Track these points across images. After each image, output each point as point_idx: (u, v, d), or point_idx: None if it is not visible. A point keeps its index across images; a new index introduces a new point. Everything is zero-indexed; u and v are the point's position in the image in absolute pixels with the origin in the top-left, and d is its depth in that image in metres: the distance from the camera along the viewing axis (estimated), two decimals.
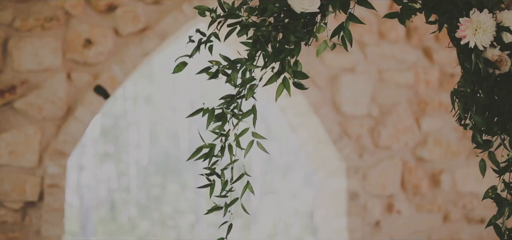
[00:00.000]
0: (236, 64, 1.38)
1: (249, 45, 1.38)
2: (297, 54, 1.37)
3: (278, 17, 1.36)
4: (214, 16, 1.39)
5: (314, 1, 1.27)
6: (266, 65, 1.38)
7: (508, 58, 1.35)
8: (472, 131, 1.40)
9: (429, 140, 4.08)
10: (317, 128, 3.88)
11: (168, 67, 13.51)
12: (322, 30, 1.36)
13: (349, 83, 3.93)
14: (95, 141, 12.53)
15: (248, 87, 1.41)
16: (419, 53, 4.15)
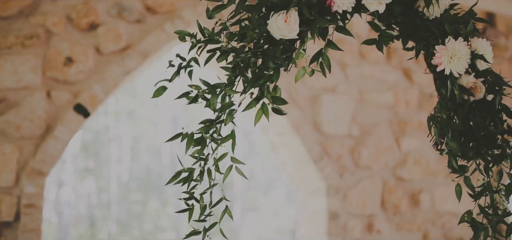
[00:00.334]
0: (216, 89, 1.39)
1: (228, 70, 1.38)
2: (276, 80, 1.38)
3: (257, 43, 1.37)
4: (194, 41, 1.40)
5: (293, 28, 1.29)
6: (246, 91, 1.39)
7: (483, 85, 1.38)
8: (448, 156, 1.42)
9: (409, 159, 4.12)
10: (298, 148, 3.90)
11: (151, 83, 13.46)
12: (301, 57, 1.37)
13: (330, 103, 3.97)
14: (75, 157, 12.37)
15: (227, 112, 1.42)
16: (399, 73, 4.20)
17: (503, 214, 1.40)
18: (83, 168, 12.98)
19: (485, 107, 1.40)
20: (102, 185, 13.15)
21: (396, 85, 4.18)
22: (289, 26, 1.27)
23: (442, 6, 1.42)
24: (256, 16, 1.36)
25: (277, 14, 1.28)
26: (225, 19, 1.38)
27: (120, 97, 12.45)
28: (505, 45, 4.55)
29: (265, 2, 1.36)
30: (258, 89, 1.37)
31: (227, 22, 1.38)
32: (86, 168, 13.06)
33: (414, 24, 1.46)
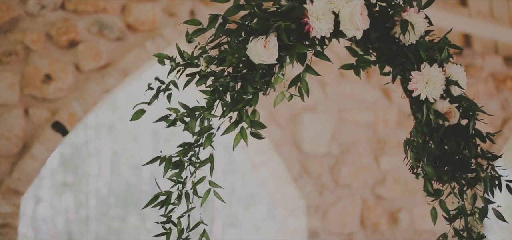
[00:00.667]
0: (195, 113, 1.39)
1: (207, 93, 1.39)
2: (255, 104, 1.39)
3: (236, 67, 1.38)
4: (174, 64, 1.40)
5: (272, 53, 1.30)
6: (224, 115, 1.39)
7: (457, 110, 1.41)
8: (424, 180, 1.44)
9: (388, 178, 4.15)
10: (278, 166, 3.90)
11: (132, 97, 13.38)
12: (279, 81, 1.39)
13: (310, 121, 3.99)
14: (53, 171, 12.20)
15: (206, 136, 1.42)
16: (378, 93, 4.25)
17: (477, 237, 1.42)
18: (62, 183, 12.79)
19: (459, 132, 1.42)
20: (80, 200, 12.97)
21: (376, 104, 4.23)
22: (268, 51, 1.28)
23: (418, 32, 1.44)
24: (235, 41, 1.37)
25: (256, 39, 1.29)
26: (205, 42, 1.39)
27: (100, 111, 12.35)
28: (481, 65, 4.65)
29: (245, 27, 1.37)
30: (237, 113, 1.38)
31: (207, 46, 1.39)
32: (65, 183, 12.87)
33: (391, 50, 1.48)
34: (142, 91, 1.46)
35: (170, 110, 1.41)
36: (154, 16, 3.49)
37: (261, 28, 1.30)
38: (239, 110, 1.37)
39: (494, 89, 4.66)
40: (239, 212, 14.63)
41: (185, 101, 1.42)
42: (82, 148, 13.15)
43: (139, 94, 13.32)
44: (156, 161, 1.43)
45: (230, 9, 1.36)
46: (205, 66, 1.39)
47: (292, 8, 1.33)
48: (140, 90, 13.25)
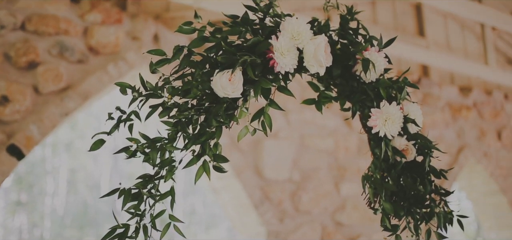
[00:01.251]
0: (156, 144, 1.37)
1: (170, 125, 1.38)
2: (218, 138, 1.38)
3: (200, 99, 1.37)
4: (136, 94, 1.39)
5: (237, 87, 1.30)
6: (187, 147, 1.38)
7: (413, 147, 1.45)
8: (382, 215, 1.46)
9: (348, 205, 4.20)
10: (239, 192, 3.89)
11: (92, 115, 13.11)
12: (243, 115, 1.39)
13: (272, 148, 4.01)
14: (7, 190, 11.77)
15: (168, 169, 1.40)
16: (339, 120, 4.32)
17: None
18: (15, 201, 12.35)
19: (415, 168, 1.46)
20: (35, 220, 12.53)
21: (336, 131, 4.29)
22: (233, 85, 1.28)
23: (378, 71, 1.48)
24: (200, 73, 1.37)
25: (222, 72, 1.29)
26: (169, 72, 1.39)
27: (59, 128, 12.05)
28: (438, 95, 4.79)
29: (209, 59, 1.37)
30: (199, 146, 1.37)
31: (170, 77, 1.38)
32: (18, 201, 12.43)
33: (351, 87, 1.52)
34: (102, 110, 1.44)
35: (130, 141, 1.39)
36: (117, 40, 3.44)
37: (227, 62, 1.30)
38: (202, 143, 1.36)
39: (450, 118, 4.81)
40: (199, 233, 14.46)
41: (146, 131, 1.41)
42: (38, 165, 12.77)
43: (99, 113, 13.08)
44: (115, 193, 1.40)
45: (195, 41, 1.36)
46: (169, 98, 1.38)
47: (257, 43, 1.34)
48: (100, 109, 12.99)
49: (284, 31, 1.38)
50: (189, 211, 14.38)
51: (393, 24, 4.67)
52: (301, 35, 1.39)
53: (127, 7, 3.52)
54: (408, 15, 4.82)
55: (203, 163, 1.36)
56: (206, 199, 15.23)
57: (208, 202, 15.37)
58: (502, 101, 5.21)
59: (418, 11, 4.86)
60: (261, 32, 1.41)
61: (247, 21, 1.39)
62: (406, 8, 4.83)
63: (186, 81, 1.38)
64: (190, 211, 14.61)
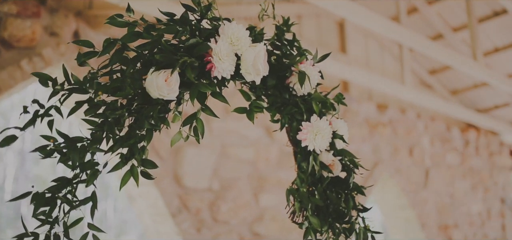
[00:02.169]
0: (76, 144, 1.25)
1: (94, 124, 1.26)
2: (148, 141, 1.29)
3: (130, 99, 1.27)
4: (59, 87, 1.26)
5: (173, 89, 1.22)
6: (113, 150, 1.27)
7: (339, 163, 1.45)
8: (308, 230, 1.43)
9: (266, 215, 4.18)
10: (157, 200, 3.74)
11: None
12: (177, 119, 1.30)
13: (193, 156, 3.90)
14: None
15: (91, 172, 1.28)
16: (261, 130, 4.31)
17: None
18: None
19: (338, 184, 1.45)
20: None
21: (258, 141, 4.27)
22: (170, 86, 1.20)
23: (313, 84, 1.47)
24: (131, 71, 1.27)
25: (158, 72, 1.20)
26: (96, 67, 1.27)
27: None
28: (357, 110, 4.94)
29: (143, 56, 1.27)
30: (127, 149, 1.26)
31: (99, 72, 1.27)
32: None
33: (283, 99, 1.49)
34: (10, 108, 1.28)
35: (47, 139, 1.25)
36: (34, 34, 3.17)
37: (166, 61, 1.22)
38: (130, 146, 1.26)
39: (367, 134, 4.97)
40: (109, 239, 13.91)
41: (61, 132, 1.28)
42: None
43: (7, 110, 12.20)
44: (25, 197, 1.26)
45: (128, 35, 1.26)
46: (100, 94, 1.27)
47: (196, 44, 1.27)
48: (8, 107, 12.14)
49: (223, 35, 1.33)
50: (100, 216, 13.79)
51: (317, 40, 4.76)
52: (240, 41, 1.34)
53: (46, 1, 3.27)
54: (332, 32, 4.94)
55: (131, 168, 1.25)
56: (117, 205, 14.70)
57: (120, 207, 14.85)
58: (415, 119, 5.48)
59: (341, 28, 5.00)
60: (198, 34, 1.34)
61: (186, 21, 1.32)
62: (331, 25, 4.94)
63: (115, 78, 1.28)
64: (101, 216, 14.01)
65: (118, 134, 1.29)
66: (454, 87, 5.84)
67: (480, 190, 5.98)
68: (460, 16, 5.06)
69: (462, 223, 5.65)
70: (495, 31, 5.07)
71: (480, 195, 5.95)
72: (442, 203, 5.52)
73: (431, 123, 5.66)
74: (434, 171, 5.55)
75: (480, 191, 5.97)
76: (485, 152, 6.17)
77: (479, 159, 6.07)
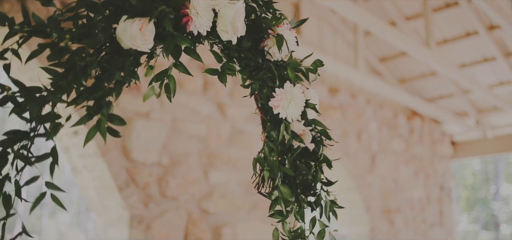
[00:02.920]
0: (35, 94, 1.13)
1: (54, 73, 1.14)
2: (118, 95, 1.18)
3: (98, 49, 1.16)
4: (18, 28, 1.13)
5: (148, 39, 1.12)
6: (78, 102, 1.16)
7: (310, 133, 1.40)
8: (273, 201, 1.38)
9: (215, 193, 4.11)
10: (103, 173, 3.58)
11: None
12: (150, 73, 1.21)
13: (143, 128, 3.76)
14: None
15: (52, 126, 1.16)
16: (213, 107, 4.22)
17: None
18: None
19: (307, 155, 1.41)
20: None
21: (210, 117, 4.18)
22: (144, 36, 1.10)
23: (290, 49, 1.41)
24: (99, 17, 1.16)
25: (132, 20, 1.10)
26: None
27: None
28: None
29: (115, 2, 1.17)
30: (93, 102, 1.15)
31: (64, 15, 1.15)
32: None
33: (257, 63, 1.42)
34: None
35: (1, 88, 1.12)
36: None
37: (144, 8, 1.12)
38: (97, 99, 1.15)
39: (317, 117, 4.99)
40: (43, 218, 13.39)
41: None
42: None
43: None
44: None
45: None
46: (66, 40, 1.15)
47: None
48: None
49: None
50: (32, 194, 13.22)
51: None
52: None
53: None
54: (287, 13, 4.90)
55: (98, 122, 1.14)
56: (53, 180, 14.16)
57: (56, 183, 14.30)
58: (365, 105, 5.57)
59: (297, 10, 4.97)
60: None
61: None
62: (286, 7, 4.90)
63: (81, 24, 1.17)
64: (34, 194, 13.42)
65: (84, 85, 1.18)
66: (402, 75, 5.98)
67: (422, 176, 6.18)
68: (414, 6, 5.16)
69: (404, 208, 5.83)
70: (446, 22, 5.21)
71: (421, 182, 6.16)
72: (386, 188, 5.66)
73: (379, 109, 5.78)
74: (380, 156, 5.67)
75: (421, 177, 6.17)
76: (428, 140, 6.38)
77: (422, 146, 6.27)
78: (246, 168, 4.33)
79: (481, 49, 5.38)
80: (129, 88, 3.62)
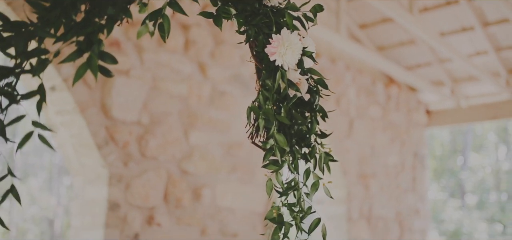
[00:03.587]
0: (20, 28, 1.08)
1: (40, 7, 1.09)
2: (109, 32, 1.14)
3: None
4: None
5: None
6: (67, 38, 1.11)
7: (306, 82, 1.37)
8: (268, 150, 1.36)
9: (195, 154, 4.09)
10: (82, 130, 3.51)
11: None
12: (143, 10, 1.17)
13: (123, 86, 3.69)
14: None
15: (39, 61, 1.12)
16: (194, 66, 4.16)
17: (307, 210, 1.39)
18: None
19: (303, 105, 1.38)
20: None
21: (191, 77, 4.12)
22: None
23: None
24: None
25: None
26: None
27: None
28: None
29: None
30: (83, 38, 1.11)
31: None
32: None
33: (253, 7, 1.38)
34: None
35: None
36: None
37: None
38: (88, 35, 1.10)
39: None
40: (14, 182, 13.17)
41: None
42: None
43: None
44: None
45: None
46: None
47: None
48: None
49: None
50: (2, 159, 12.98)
51: None
52: None
53: None
54: None
55: (89, 59, 1.10)
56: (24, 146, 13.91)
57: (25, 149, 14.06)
58: (344, 71, 5.58)
59: None
60: None
61: None
62: None
63: None
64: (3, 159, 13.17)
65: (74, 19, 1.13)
66: (381, 43, 5.99)
67: (397, 143, 6.27)
68: None
69: (379, 173, 5.92)
70: None
71: (396, 148, 6.25)
72: (363, 153, 5.72)
73: (358, 76, 5.80)
74: (358, 122, 5.72)
75: (397, 144, 6.26)
76: (404, 108, 6.46)
77: (398, 114, 6.35)
78: (226, 130, 4.31)
79: (460, 18, 5.42)
80: (108, 45, 3.52)
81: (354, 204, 5.53)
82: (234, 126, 4.36)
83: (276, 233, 1.34)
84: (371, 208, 5.75)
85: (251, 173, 4.44)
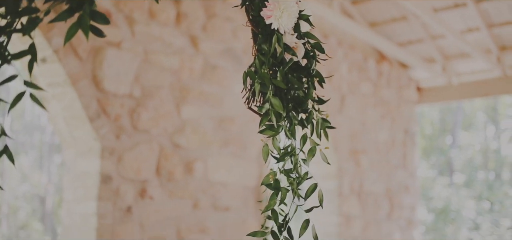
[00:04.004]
0: None
1: None
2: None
3: None
4: None
5: None
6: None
7: (303, 47, 1.36)
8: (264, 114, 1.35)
9: (187, 127, 4.09)
10: (73, 103, 3.49)
11: None
12: None
13: (114, 58, 3.66)
14: None
15: (29, 20, 1.10)
16: (186, 40, 4.13)
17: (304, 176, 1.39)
18: None
19: (299, 70, 1.38)
20: None
21: (183, 50, 4.10)
22: None
23: None
24: None
25: None
26: None
27: None
28: None
29: None
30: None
31: None
32: None
33: None
34: None
35: None
36: None
37: None
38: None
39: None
40: (4, 159, 13.10)
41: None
42: None
43: None
44: None
45: None
46: None
47: None
48: None
49: None
50: None
51: None
52: None
53: None
54: None
55: (80, 19, 1.09)
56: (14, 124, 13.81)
57: (16, 127, 13.98)
58: (336, 46, 5.57)
59: None
60: None
61: None
62: None
63: None
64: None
65: None
66: (374, 19, 5.98)
67: (388, 120, 6.30)
68: None
69: (370, 150, 5.96)
70: None
71: (387, 125, 6.28)
72: (354, 129, 5.75)
73: (350, 52, 5.80)
74: (350, 98, 5.74)
75: (387, 120, 6.29)
76: (395, 85, 6.48)
77: (390, 91, 6.37)
78: (218, 104, 4.30)
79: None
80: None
81: (345, 179, 5.58)
82: (226, 100, 4.35)
83: (273, 199, 1.35)
84: (361, 184, 5.80)
85: (243, 147, 4.45)
